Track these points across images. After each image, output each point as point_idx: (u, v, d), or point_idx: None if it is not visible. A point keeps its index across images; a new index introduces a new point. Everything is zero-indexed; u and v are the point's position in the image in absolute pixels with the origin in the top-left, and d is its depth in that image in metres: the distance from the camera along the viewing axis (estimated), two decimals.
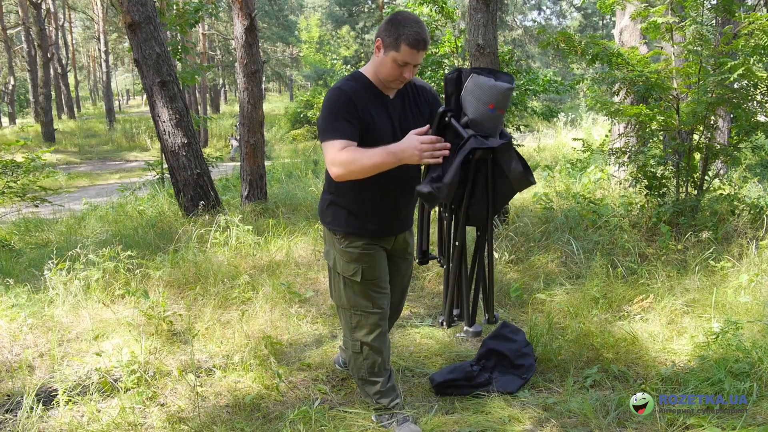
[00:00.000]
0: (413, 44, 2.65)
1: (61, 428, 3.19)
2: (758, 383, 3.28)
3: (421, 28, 2.66)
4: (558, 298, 4.72)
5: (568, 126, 17.40)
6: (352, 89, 2.76)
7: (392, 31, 2.68)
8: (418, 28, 2.66)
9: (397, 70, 2.72)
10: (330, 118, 2.70)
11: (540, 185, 8.52)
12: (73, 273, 4.91)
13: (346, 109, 2.70)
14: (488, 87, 2.41)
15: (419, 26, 2.66)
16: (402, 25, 2.66)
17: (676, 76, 5.94)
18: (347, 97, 2.72)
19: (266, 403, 3.45)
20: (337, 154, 2.63)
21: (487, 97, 2.41)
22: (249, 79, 7.70)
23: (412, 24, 2.66)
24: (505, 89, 2.41)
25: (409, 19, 2.68)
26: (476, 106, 2.45)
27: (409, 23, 2.66)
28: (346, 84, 2.79)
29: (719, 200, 6.05)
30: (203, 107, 27.21)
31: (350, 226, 2.97)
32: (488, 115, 2.42)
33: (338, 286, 3.09)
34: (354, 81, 2.81)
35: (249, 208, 7.61)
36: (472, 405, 3.41)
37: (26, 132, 21.24)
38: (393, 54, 2.68)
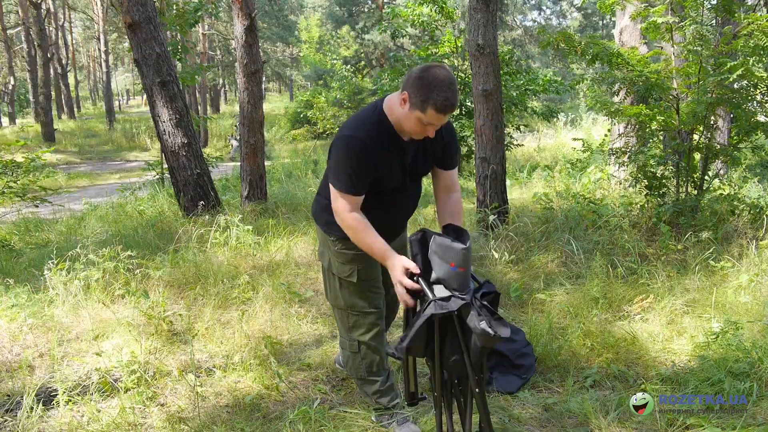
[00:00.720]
0: (441, 110, 2.50)
1: (61, 428, 3.19)
2: (758, 383, 3.28)
3: (451, 93, 2.49)
4: (558, 298, 4.72)
5: (568, 126, 17.40)
6: (370, 139, 2.66)
7: (421, 92, 2.50)
8: (449, 92, 2.48)
9: (421, 127, 2.61)
10: (344, 166, 2.67)
11: (540, 185, 8.52)
12: (73, 273, 4.91)
13: (362, 164, 2.65)
14: (446, 247, 2.47)
15: (450, 90, 2.49)
16: (432, 89, 2.48)
17: (676, 76, 5.94)
18: (365, 149, 2.64)
19: (266, 403, 3.45)
20: (345, 213, 2.72)
21: (448, 257, 2.47)
22: (249, 79, 7.70)
23: (442, 88, 2.48)
24: (461, 249, 2.45)
25: (440, 82, 2.48)
26: (440, 264, 2.50)
27: (439, 87, 2.48)
28: (366, 131, 2.67)
29: (719, 200, 6.04)
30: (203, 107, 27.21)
31: None
32: (452, 273, 2.48)
33: (334, 287, 3.09)
34: (374, 127, 2.69)
35: (249, 208, 7.61)
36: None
37: (26, 132, 21.24)
38: (418, 114, 2.54)
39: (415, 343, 2.53)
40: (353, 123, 2.76)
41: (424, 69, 2.53)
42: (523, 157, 12.92)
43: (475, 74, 6.20)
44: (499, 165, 6.37)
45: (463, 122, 11.03)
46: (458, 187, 3.04)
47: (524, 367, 3.68)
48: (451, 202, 2.98)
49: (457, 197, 3.01)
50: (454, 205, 2.98)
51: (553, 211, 6.61)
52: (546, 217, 6.46)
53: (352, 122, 2.77)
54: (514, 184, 8.81)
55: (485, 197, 6.30)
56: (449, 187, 3.00)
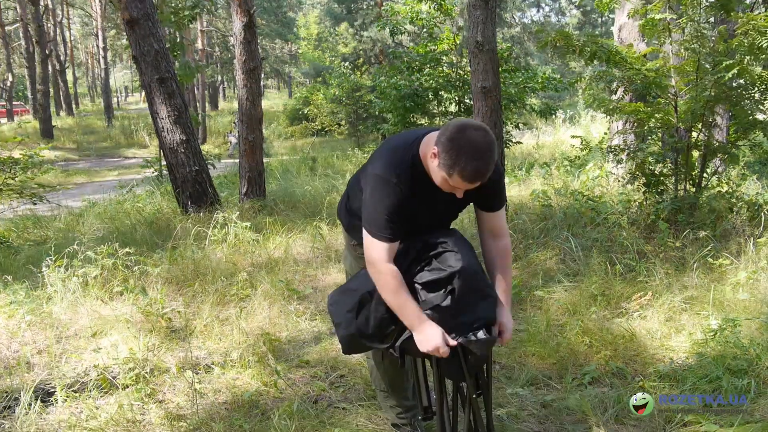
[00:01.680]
0: (468, 179, 2.26)
1: (59, 425, 3.19)
2: (756, 380, 3.28)
3: (483, 162, 2.22)
4: (556, 296, 4.72)
5: (567, 123, 17.40)
6: (405, 183, 2.40)
7: (450, 155, 2.23)
8: (480, 162, 2.22)
9: (448, 187, 2.35)
10: (382, 213, 2.41)
11: (538, 183, 8.52)
12: (71, 270, 4.91)
13: (400, 209, 2.41)
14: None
15: (482, 159, 2.22)
16: (461, 154, 2.21)
17: (674, 74, 5.94)
18: (400, 194, 2.39)
19: (265, 400, 3.45)
20: (382, 264, 2.43)
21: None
22: (247, 75, 7.69)
23: (474, 156, 2.21)
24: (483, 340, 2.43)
25: (473, 148, 2.22)
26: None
27: (471, 154, 2.21)
28: (401, 174, 2.41)
29: (718, 198, 6.05)
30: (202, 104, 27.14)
31: None
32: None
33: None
34: (409, 170, 2.41)
35: (247, 205, 7.61)
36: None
37: (24, 128, 21.18)
38: (444, 175, 2.29)
39: (410, 344, 2.49)
40: (385, 162, 2.47)
41: (461, 129, 2.25)
42: (522, 155, 12.92)
43: (474, 71, 6.19)
44: (498, 162, 6.35)
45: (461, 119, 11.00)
46: (506, 231, 2.69)
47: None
48: (498, 250, 2.65)
49: (505, 245, 2.66)
50: (502, 257, 2.64)
51: (551, 208, 6.61)
52: (544, 215, 6.46)
53: (384, 161, 2.49)
54: (513, 181, 8.81)
55: None
56: (494, 231, 2.65)
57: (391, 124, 11.99)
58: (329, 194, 8.35)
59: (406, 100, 11.22)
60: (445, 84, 11.21)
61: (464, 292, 2.41)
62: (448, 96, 11.64)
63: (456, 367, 2.53)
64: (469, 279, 2.42)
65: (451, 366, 2.53)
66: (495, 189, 2.57)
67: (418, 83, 11.24)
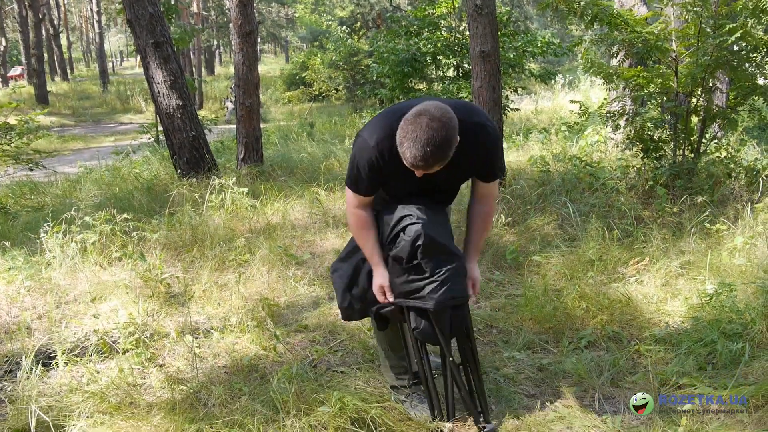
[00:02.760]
0: (408, 163, 2.32)
1: (60, 389, 3.22)
2: (751, 344, 3.31)
3: (421, 153, 2.25)
4: (554, 261, 4.74)
5: (566, 88, 17.27)
6: (382, 151, 2.48)
7: (400, 135, 2.30)
8: (419, 152, 2.25)
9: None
10: (355, 169, 2.58)
11: (537, 148, 8.49)
12: (70, 236, 4.91)
13: (369, 167, 2.53)
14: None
15: (421, 151, 2.24)
16: (406, 140, 2.27)
17: (675, 37, 5.88)
18: (377, 159, 2.50)
19: (264, 364, 3.48)
20: (350, 207, 2.73)
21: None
22: (244, 40, 7.60)
23: (415, 145, 2.24)
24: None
25: (416, 137, 2.24)
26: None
27: (413, 142, 2.25)
28: (379, 140, 2.48)
29: (716, 163, 6.04)
30: (198, 69, 26.88)
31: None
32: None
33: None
34: (390, 139, 2.41)
35: (245, 171, 7.59)
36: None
37: (19, 93, 21.00)
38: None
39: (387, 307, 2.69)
40: (373, 126, 2.56)
41: (418, 114, 2.27)
42: (520, 120, 12.85)
43: (473, 35, 6.12)
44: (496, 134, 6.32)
45: (460, 84, 10.93)
46: (492, 201, 2.79)
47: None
48: (480, 213, 2.78)
49: (488, 210, 2.79)
50: (482, 219, 2.78)
51: (549, 173, 6.60)
52: (542, 180, 6.45)
53: (373, 125, 2.57)
54: (511, 146, 8.78)
55: None
56: (483, 199, 2.76)
57: (389, 89, 11.91)
58: (327, 160, 8.32)
59: (404, 65, 11.12)
60: (443, 48, 11.11)
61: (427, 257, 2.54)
62: (446, 61, 11.55)
63: (429, 330, 2.62)
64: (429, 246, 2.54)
65: (425, 330, 2.63)
66: (488, 161, 2.64)
67: (416, 48, 11.13)
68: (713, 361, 3.27)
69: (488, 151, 2.60)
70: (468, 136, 2.47)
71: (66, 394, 3.13)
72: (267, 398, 2.98)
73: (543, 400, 3.06)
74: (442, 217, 2.71)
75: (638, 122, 6.11)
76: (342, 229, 5.76)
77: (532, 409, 2.96)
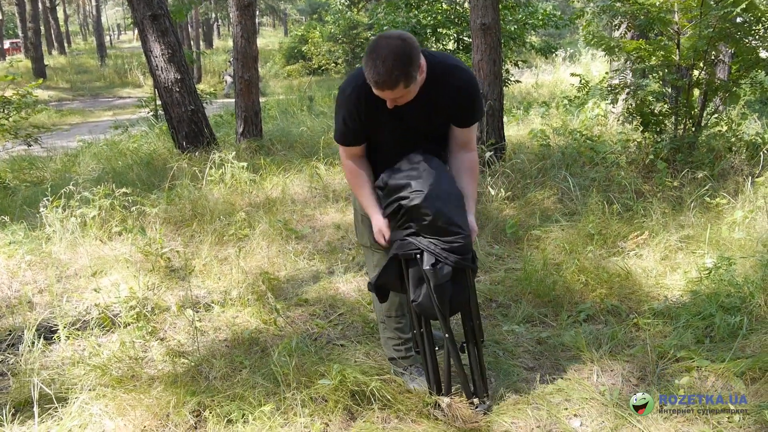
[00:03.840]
0: (373, 85, 2.35)
1: (62, 362, 3.25)
2: (749, 317, 3.33)
3: (384, 68, 2.27)
4: (553, 235, 4.74)
5: (567, 62, 17.15)
6: (357, 94, 2.53)
7: (364, 60, 2.35)
8: (381, 68, 2.27)
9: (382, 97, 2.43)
10: (337, 118, 2.66)
11: (537, 122, 8.46)
12: (69, 210, 4.91)
13: (350, 116, 2.58)
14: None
15: (382, 65, 2.27)
16: (368, 60, 2.31)
17: (678, 9, 5.82)
18: (354, 106, 2.55)
19: (264, 337, 3.50)
20: (343, 159, 2.76)
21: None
22: (242, 12, 7.53)
23: (375, 62, 2.28)
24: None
25: (376, 54, 2.28)
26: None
27: (374, 60, 2.29)
28: (355, 86, 2.54)
29: (717, 137, 6.01)
30: (196, 42, 26.67)
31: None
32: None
33: (357, 221, 2.99)
34: (365, 84, 2.44)
35: (244, 145, 7.57)
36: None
37: (16, 67, 20.84)
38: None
39: (386, 278, 2.67)
40: (349, 77, 2.64)
41: (376, 38, 2.35)
42: (521, 94, 12.78)
43: (473, 7, 6.06)
44: (497, 101, 6.31)
45: (460, 57, 10.85)
46: (474, 147, 2.79)
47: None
48: (468, 162, 2.76)
49: (473, 158, 2.77)
50: (470, 169, 2.75)
51: (550, 147, 6.58)
52: (543, 154, 6.43)
53: (348, 76, 2.65)
54: (512, 120, 8.74)
55: (482, 134, 6.25)
56: (464, 145, 2.75)
57: None
58: (326, 134, 8.28)
59: None
60: (443, 21, 11.00)
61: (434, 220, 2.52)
62: (446, 33, 11.44)
63: (428, 303, 2.61)
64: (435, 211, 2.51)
65: (423, 303, 2.62)
66: (466, 103, 2.63)
67: (416, 20, 11.02)
68: (711, 335, 3.29)
69: (463, 90, 2.59)
70: (444, 77, 2.53)
71: (68, 368, 3.16)
72: (268, 371, 3.00)
73: (542, 373, 3.09)
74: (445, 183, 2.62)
75: (639, 96, 6.07)
76: (342, 204, 5.76)
77: (531, 382, 2.98)
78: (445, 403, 2.71)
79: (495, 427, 2.66)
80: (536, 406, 2.78)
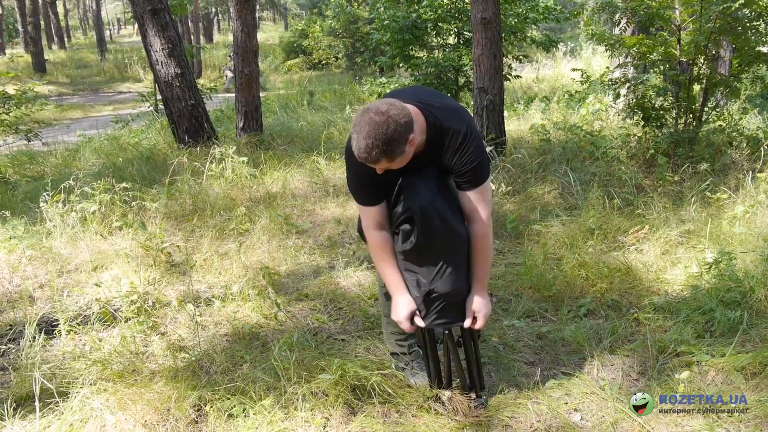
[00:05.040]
0: (357, 158, 2.27)
1: (63, 356, 3.25)
2: (749, 312, 3.33)
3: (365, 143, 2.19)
4: (554, 229, 4.74)
5: (568, 56, 17.11)
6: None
7: (352, 128, 2.27)
8: (362, 142, 2.19)
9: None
10: (350, 178, 2.57)
11: (538, 117, 8.45)
12: (69, 205, 4.91)
13: (361, 174, 2.46)
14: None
15: (365, 140, 2.19)
16: (353, 131, 2.24)
17: (678, 4, 5.81)
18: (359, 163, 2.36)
19: (265, 332, 3.51)
20: (368, 230, 2.58)
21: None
22: (242, 7, 7.52)
23: (358, 134, 2.21)
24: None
25: (360, 128, 2.20)
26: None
27: (354, 134, 2.23)
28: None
29: (717, 132, 6.01)
30: (196, 37, 26.61)
31: None
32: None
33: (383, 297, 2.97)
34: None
35: (244, 140, 7.56)
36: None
37: (16, 62, 20.83)
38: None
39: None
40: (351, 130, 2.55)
41: (366, 108, 2.25)
42: (522, 88, 12.76)
43: (474, 1, 6.05)
44: (497, 96, 6.30)
45: (461, 51, 10.84)
46: (479, 217, 2.51)
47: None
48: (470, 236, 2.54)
49: (475, 231, 2.53)
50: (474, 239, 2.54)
51: (550, 142, 6.58)
52: (543, 149, 6.43)
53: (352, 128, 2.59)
54: (512, 115, 8.73)
55: (483, 128, 6.25)
56: (469, 214, 2.53)
57: (389, 57, 11.81)
58: (327, 129, 8.28)
59: (404, 33, 11.00)
60: (444, 15, 10.97)
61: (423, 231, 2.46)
62: (447, 27, 11.41)
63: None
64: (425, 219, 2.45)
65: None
66: (462, 164, 2.44)
67: (417, 15, 11.00)
68: (711, 329, 3.29)
69: (457, 153, 2.42)
70: (440, 138, 2.42)
71: (69, 362, 3.16)
72: (268, 366, 3.00)
73: (542, 367, 3.09)
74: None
75: (640, 90, 6.06)
76: (342, 198, 5.75)
77: (531, 377, 2.99)
78: (446, 396, 2.71)
79: (495, 421, 2.67)
80: (536, 401, 2.79)
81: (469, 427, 2.62)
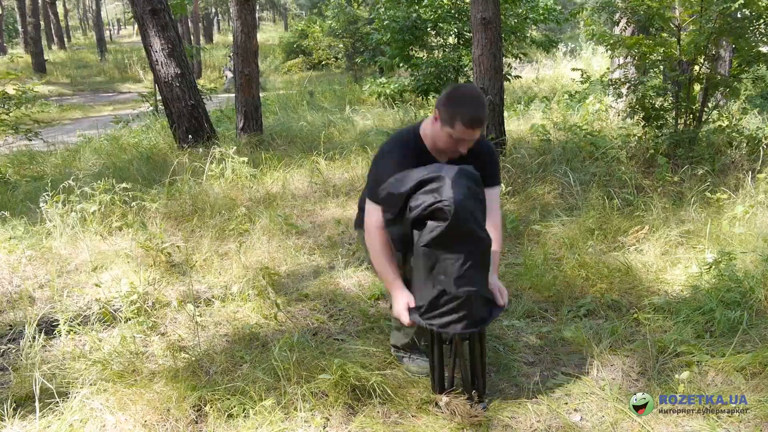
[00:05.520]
0: (468, 124, 2.57)
1: (63, 356, 3.25)
2: (749, 312, 3.33)
3: (476, 107, 2.59)
4: (554, 230, 4.74)
5: (568, 56, 17.11)
6: (403, 157, 2.70)
7: (449, 108, 2.59)
8: (474, 107, 2.59)
9: (453, 144, 2.65)
10: (376, 179, 2.72)
11: (538, 117, 8.45)
12: (69, 205, 4.90)
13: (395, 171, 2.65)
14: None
15: (475, 105, 2.60)
16: (458, 104, 2.59)
17: (678, 5, 5.81)
18: (396, 166, 2.65)
19: (265, 332, 3.50)
20: (372, 228, 2.73)
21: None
22: (242, 7, 7.52)
23: (468, 103, 2.60)
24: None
25: (467, 97, 2.63)
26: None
27: (465, 102, 2.60)
28: (399, 149, 2.76)
29: (717, 132, 6.01)
30: (196, 37, 26.63)
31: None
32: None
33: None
34: (408, 145, 2.76)
35: (244, 140, 7.56)
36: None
37: (16, 62, 20.81)
38: (448, 129, 2.60)
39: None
40: (391, 141, 2.85)
41: (454, 87, 2.70)
42: (522, 88, 12.76)
43: (474, 1, 6.05)
44: (497, 96, 6.30)
45: (461, 52, 10.84)
46: (498, 210, 2.94)
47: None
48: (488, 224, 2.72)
49: (494, 222, 2.84)
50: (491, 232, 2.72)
51: (550, 142, 6.58)
52: (543, 149, 6.43)
53: (391, 141, 2.87)
54: (512, 115, 8.73)
55: None
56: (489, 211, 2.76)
57: (389, 57, 11.81)
58: (327, 129, 8.28)
59: (404, 33, 11.01)
60: (444, 15, 10.97)
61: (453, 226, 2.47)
62: (447, 27, 11.42)
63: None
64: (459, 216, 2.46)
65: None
66: (489, 162, 2.86)
67: (417, 15, 11.00)
68: (711, 329, 3.29)
69: (489, 148, 2.92)
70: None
71: (69, 362, 3.16)
72: (268, 366, 3.00)
73: (542, 367, 3.09)
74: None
75: (640, 90, 6.06)
76: (342, 198, 5.75)
77: (531, 377, 2.99)
78: (444, 401, 2.71)
79: (495, 421, 2.67)
80: (536, 401, 2.79)
81: (469, 428, 2.62)
